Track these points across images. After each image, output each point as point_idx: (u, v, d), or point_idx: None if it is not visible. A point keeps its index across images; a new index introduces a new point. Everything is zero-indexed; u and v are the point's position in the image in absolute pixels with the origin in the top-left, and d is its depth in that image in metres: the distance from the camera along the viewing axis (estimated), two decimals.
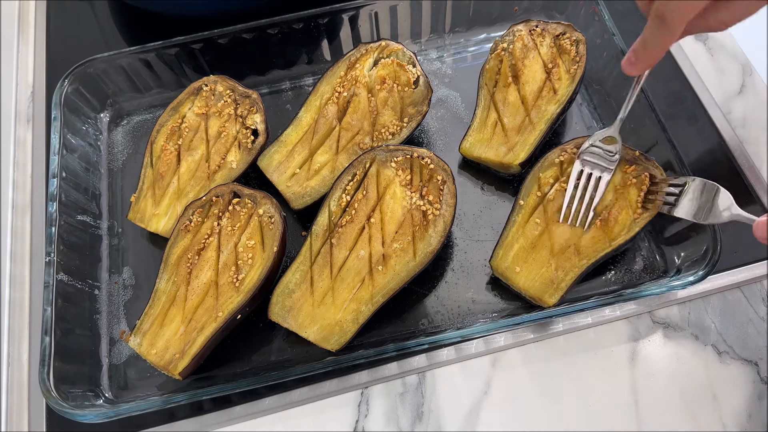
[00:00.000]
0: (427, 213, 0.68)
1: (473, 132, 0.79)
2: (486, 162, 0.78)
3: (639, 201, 0.69)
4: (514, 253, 0.69)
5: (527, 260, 0.69)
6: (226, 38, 0.83)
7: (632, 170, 0.71)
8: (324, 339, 0.66)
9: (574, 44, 0.79)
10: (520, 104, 0.78)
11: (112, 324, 0.73)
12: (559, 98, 0.77)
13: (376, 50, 0.80)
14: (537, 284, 0.68)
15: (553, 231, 0.69)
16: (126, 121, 0.88)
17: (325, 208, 0.70)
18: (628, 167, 0.71)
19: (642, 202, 0.69)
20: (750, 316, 0.71)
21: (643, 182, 0.70)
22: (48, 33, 0.98)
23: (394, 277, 0.67)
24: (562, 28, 0.80)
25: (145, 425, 0.67)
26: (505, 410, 0.67)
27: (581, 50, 0.79)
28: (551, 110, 0.77)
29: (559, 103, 0.77)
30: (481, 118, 0.79)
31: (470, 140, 0.79)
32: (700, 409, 0.66)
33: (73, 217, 0.75)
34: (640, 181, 0.70)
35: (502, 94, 0.79)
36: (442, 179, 0.70)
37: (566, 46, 0.79)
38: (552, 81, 0.78)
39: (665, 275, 0.71)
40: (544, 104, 0.77)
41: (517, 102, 0.78)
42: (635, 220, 0.69)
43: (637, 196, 0.69)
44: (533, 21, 0.81)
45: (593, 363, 0.69)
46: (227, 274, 0.67)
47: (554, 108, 0.77)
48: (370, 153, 0.71)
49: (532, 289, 0.68)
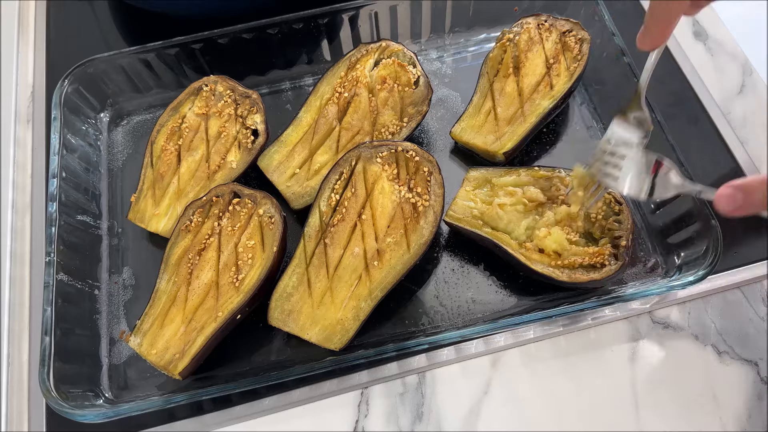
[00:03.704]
0: (417, 205, 0.69)
1: (466, 117, 0.80)
2: (474, 148, 0.80)
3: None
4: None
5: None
6: (226, 38, 0.83)
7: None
8: (326, 339, 0.66)
9: (578, 43, 0.80)
10: (516, 95, 0.79)
11: (112, 324, 0.73)
12: (554, 94, 0.78)
13: (376, 51, 0.80)
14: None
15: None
16: (126, 121, 0.88)
17: (315, 208, 0.70)
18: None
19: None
20: (750, 316, 0.71)
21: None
22: (48, 33, 0.98)
23: (390, 271, 0.67)
24: (570, 25, 0.81)
25: (145, 425, 0.67)
26: (505, 410, 0.67)
27: (584, 49, 0.79)
28: (544, 105, 0.78)
29: (553, 98, 0.78)
30: (476, 105, 0.81)
31: (462, 125, 0.80)
32: (700, 409, 0.66)
33: (73, 217, 0.75)
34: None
35: (501, 83, 0.80)
36: (428, 170, 0.70)
37: (570, 44, 0.80)
38: (551, 76, 0.79)
39: (665, 275, 0.71)
40: (539, 98, 0.78)
41: (514, 93, 0.79)
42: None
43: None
44: (543, 15, 0.82)
45: (593, 363, 0.69)
46: (227, 274, 0.67)
47: (548, 103, 0.78)
48: (354, 150, 0.71)
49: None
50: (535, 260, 0.68)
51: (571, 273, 0.67)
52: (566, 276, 0.67)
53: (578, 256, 0.67)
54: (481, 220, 0.72)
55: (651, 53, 0.62)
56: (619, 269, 0.66)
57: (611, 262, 0.67)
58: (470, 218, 0.72)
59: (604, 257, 0.67)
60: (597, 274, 0.66)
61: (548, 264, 0.68)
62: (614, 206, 0.69)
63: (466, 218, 0.72)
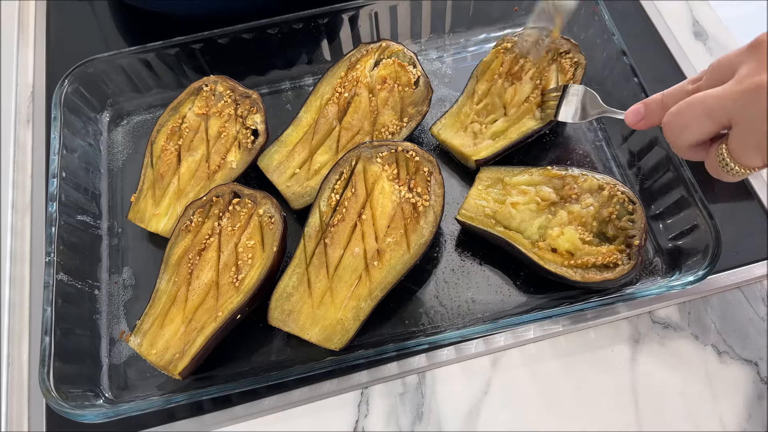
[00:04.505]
0: (417, 205, 0.69)
1: (448, 116, 0.80)
2: (450, 148, 0.79)
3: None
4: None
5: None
6: (226, 38, 0.83)
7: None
8: (326, 339, 0.66)
9: (573, 66, 0.79)
10: (500, 106, 0.79)
11: (112, 324, 0.73)
12: (542, 117, 0.77)
13: (376, 51, 0.80)
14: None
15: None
16: (126, 121, 0.88)
17: (315, 208, 0.70)
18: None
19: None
20: (750, 316, 0.71)
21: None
22: (48, 33, 0.98)
23: (390, 271, 0.67)
24: (569, 46, 0.79)
25: (145, 425, 0.67)
26: (505, 410, 0.67)
27: (578, 75, 0.78)
28: (530, 125, 0.77)
29: (540, 122, 0.77)
30: (459, 106, 0.80)
31: (443, 122, 0.80)
32: (700, 409, 0.66)
33: (73, 217, 0.75)
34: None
35: (487, 89, 0.80)
36: (429, 170, 0.70)
37: (566, 66, 0.79)
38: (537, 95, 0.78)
39: (665, 275, 0.71)
40: (525, 117, 0.78)
41: (499, 103, 0.79)
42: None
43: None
44: (546, 29, 0.80)
45: (593, 363, 0.69)
46: (227, 274, 0.67)
47: (533, 124, 0.77)
48: (354, 150, 0.71)
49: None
50: (548, 260, 0.68)
51: (584, 273, 0.67)
52: (579, 276, 0.67)
53: (591, 256, 0.67)
54: (493, 219, 0.72)
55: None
56: (632, 268, 0.66)
57: (624, 262, 0.67)
58: (482, 217, 0.72)
59: (618, 257, 0.67)
60: (610, 274, 0.66)
61: (561, 264, 0.68)
62: (627, 206, 0.69)
63: (478, 217, 0.72)
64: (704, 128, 0.55)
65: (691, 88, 0.59)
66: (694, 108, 0.55)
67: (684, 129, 0.56)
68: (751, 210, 0.77)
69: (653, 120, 0.62)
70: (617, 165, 0.80)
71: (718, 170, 0.57)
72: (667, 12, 0.94)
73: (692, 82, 0.59)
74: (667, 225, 0.73)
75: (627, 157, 0.80)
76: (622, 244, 0.68)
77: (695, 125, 0.55)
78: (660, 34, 0.91)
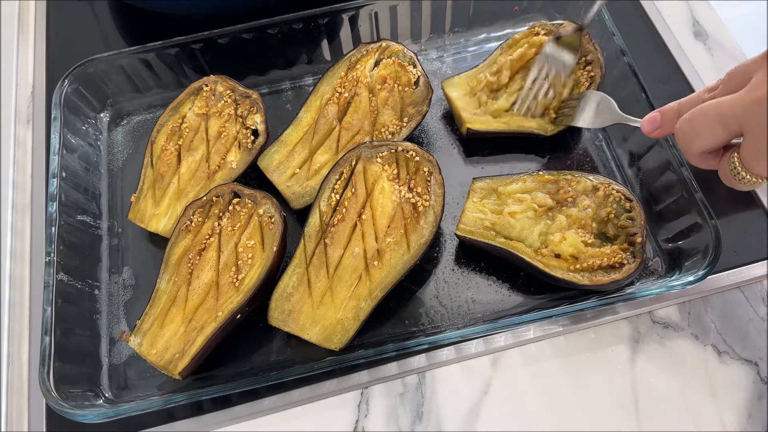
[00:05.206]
0: (417, 205, 0.69)
1: (462, 76, 0.83)
2: (451, 105, 0.82)
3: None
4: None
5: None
6: (226, 38, 0.83)
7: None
8: (326, 339, 0.66)
9: (589, 80, 0.80)
10: (514, 91, 0.80)
11: (112, 324, 0.73)
12: (550, 121, 0.80)
13: (377, 51, 0.80)
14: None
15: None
16: (126, 121, 0.88)
17: (315, 208, 0.70)
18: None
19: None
20: (750, 316, 0.71)
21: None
22: (48, 33, 0.98)
23: (390, 271, 0.67)
24: (593, 56, 0.80)
25: (145, 425, 0.67)
26: (505, 410, 0.67)
27: (594, 83, 0.80)
28: (529, 125, 0.79)
29: (539, 127, 0.80)
30: (477, 70, 0.82)
31: (456, 80, 0.82)
32: (700, 409, 0.66)
33: (73, 217, 0.75)
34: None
35: (506, 72, 0.80)
36: (429, 170, 0.70)
37: (581, 80, 0.80)
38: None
39: (665, 275, 0.71)
40: (533, 114, 0.80)
41: (513, 87, 0.80)
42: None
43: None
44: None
45: (593, 363, 0.69)
46: (227, 274, 0.67)
47: (534, 125, 0.80)
48: (354, 150, 0.71)
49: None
50: (553, 266, 0.67)
51: (591, 276, 0.66)
52: (587, 279, 0.66)
53: (596, 258, 0.67)
54: (493, 231, 0.71)
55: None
56: (638, 266, 0.66)
57: (629, 260, 0.67)
58: (482, 230, 0.71)
59: (622, 256, 0.67)
60: (618, 274, 0.66)
61: (567, 269, 0.67)
62: (624, 203, 0.69)
63: (477, 230, 0.71)
64: (716, 135, 0.54)
65: (707, 97, 0.58)
66: (706, 115, 0.54)
67: (696, 136, 0.56)
68: (751, 210, 0.77)
69: (669, 128, 0.62)
70: (617, 165, 0.80)
71: (731, 179, 0.57)
72: (667, 12, 0.94)
73: (708, 91, 0.58)
74: (667, 225, 0.73)
75: (627, 157, 0.80)
76: (624, 242, 0.68)
77: (707, 132, 0.54)
78: (660, 34, 0.91)
